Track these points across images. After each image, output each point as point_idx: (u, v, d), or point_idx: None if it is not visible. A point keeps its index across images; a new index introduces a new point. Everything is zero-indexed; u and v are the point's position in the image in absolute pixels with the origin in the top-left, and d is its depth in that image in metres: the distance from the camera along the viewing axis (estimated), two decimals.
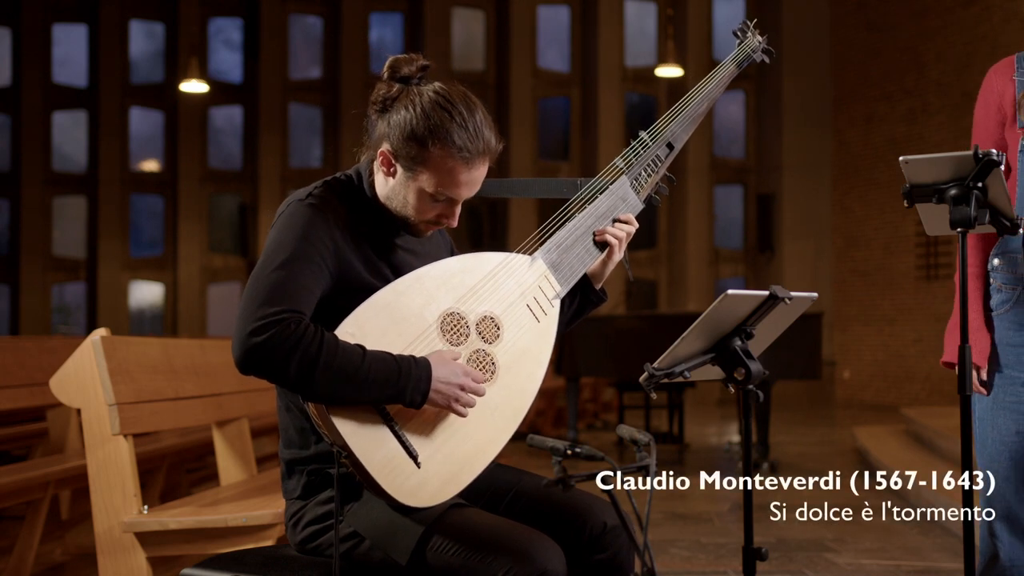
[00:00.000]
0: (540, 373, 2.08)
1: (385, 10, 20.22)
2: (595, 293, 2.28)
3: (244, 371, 1.83)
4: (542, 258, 2.13)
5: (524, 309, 2.07)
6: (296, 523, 2.07)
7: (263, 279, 1.88)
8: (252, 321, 1.81)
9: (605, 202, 2.21)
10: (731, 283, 18.90)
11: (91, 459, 2.72)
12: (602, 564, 2.04)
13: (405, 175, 2.00)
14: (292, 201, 2.01)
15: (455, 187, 2.00)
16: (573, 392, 8.75)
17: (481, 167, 2.02)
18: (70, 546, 4.45)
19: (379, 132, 2.03)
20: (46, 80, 20.10)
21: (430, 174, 1.98)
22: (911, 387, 15.23)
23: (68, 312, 20.49)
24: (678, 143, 2.30)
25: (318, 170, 19.92)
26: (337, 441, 1.85)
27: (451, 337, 1.97)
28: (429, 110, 1.97)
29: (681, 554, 4.72)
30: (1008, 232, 2.12)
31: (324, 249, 1.93)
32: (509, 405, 2.02)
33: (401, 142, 1.98)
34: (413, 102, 1.98)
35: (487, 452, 1.99)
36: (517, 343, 2.05)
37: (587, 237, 2.18)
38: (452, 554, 1.89)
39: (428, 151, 1.97)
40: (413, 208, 2.02)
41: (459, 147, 1.96)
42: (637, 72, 19.33)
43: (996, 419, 2.38)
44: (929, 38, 15.24)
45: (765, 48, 2.45)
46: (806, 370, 7.47)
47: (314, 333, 1.82)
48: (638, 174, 2.26)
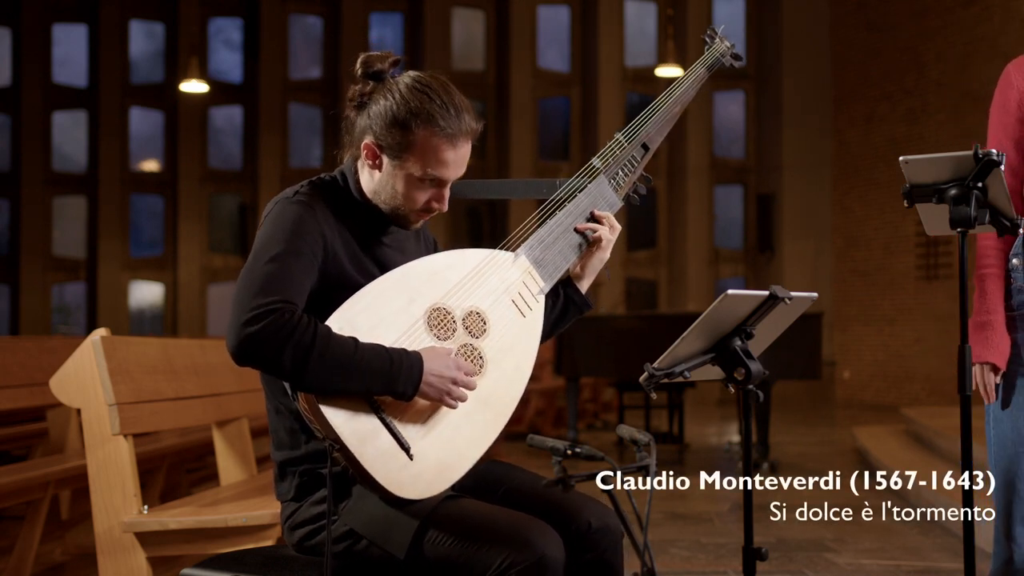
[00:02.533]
0: (528, 366, 2.09)
1: (385, 10, 20.22)
2: (579, 296, 2.29)
3: (239, 360, 1.84)
4: (525, 254, 2.15)
5: (509, 304, 2.09)
6: (292, 525, 2.07)
7: (256, 271, 1.89)
8: (246, 311, 1.82)
9: (585, 200, 2.24)
10: (731, 283, 18.90)
11: (91, 459, 2.72)
12: (590, 564, 2.04)
13: (391, 164, 2.03)
14: (279, 199, 2.04)
15: (442, 167, 2.02)
16: (573, 392, 8.75)
17: (465, 146, 2.04)
18: (70, 546, 4.45)
19: (360, 128, 2.06)
20: (46, 80, 20.10)
21: (416, 157, 2.01)
22: (911, 387, 15.23)
23: (68, 312, 20.49)
24: (653, 144, 2.36)
25: (318, 170, 19.78)
26: (329, 435, 1.85)
27: (438, 332, 1.99)
28: (408, 95, 2.00)
29: (681, 554, 4.72)
30: (1008, 232, 2.11)
31: (314, 244, 1.95)
32: (498, 398, 2.03)
33: (384, 130, 2.01)
34: (391, 91, 2.02)
35: (479, 445, 1.99)
36: (504, 337, 2.06)
37: (568, 234, 2.21)
38: (449, 545, 1.89)
39: (412, 134, 1.99)
40: (403, 196, 2.04)
41: (442, 126, 1.99)
42: (637, 72, 19.33)
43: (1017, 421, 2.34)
44: (929, 38, 15.24)
45: (733, 53, 2.51)
46: (806, 370, 7.47)
47: (307, 323, 1.83)
48: (615, 173, 2.30)
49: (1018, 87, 2.38)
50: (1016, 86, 2.39)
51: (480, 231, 19.21)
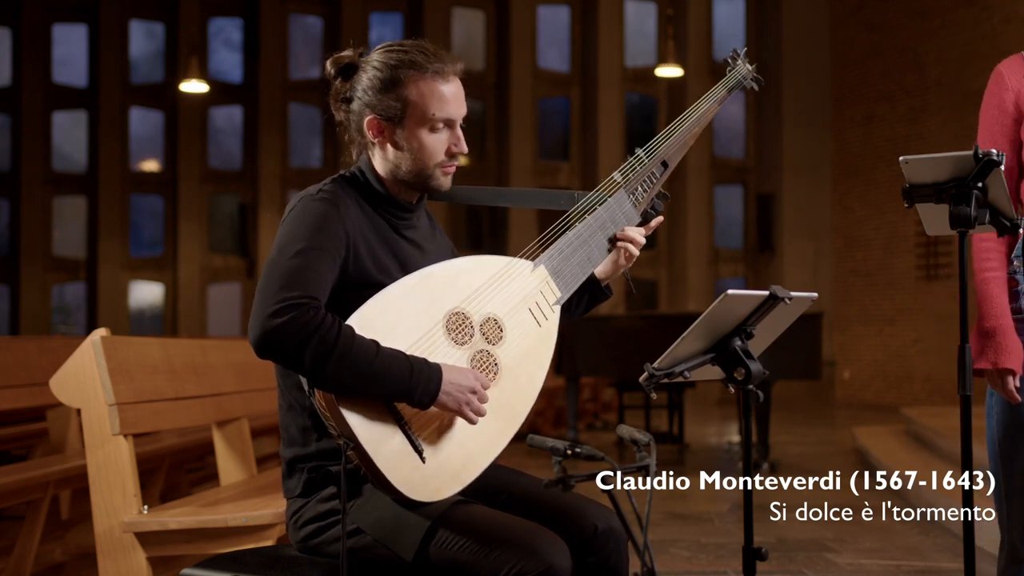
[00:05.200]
0: (541, 376, 2.10)
1: (385, 10, 20.22)
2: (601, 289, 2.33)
3: (260, 352, 1.84)
4: (544, 264, 2.16)
5: (526, 313, 2.10)
6: (297, 521, 2.07)
7: (281, 265, 1.89)
8: (272, 304, 1.83)
9: (604, 214, 2.25)
10: (731, 283, 18.90)
11: (91, 459, 2.72)
12: (594, 567, 2.04)
13: (399, 129, 2.05)
14: (303, 196, 2.04)
15: (444, 103, 2.05)
16: (573, 392, 8.75)
17: (455, 81, 2.08)
18: (70, 546, 4.45)
19: (355, 115, 2.08)
20: (46, 80, 20.09)
21: (416, 106, 2.04)
22: (911, 387, 15.23)
23: (68, 312, 20.49)
24: (672, 162, 2.38)
25: (318, 170, 19.91)
26: (344, 432, 1.86)
27: (456, 336, 1.99)
28: (385, 58, 2.06)
29: (681, 554, 4.72)
30: (1008, 232, 2.11)
31: (337, 241, 1.96)
32: (511, 406, 2.03)
33: (377, 100, 2.04)
34: (369, 65, 2.07)
35: (489, 451, 2.00)
36: (519, 346, 2.07)
37: (587, 246, 2.22)
38: (457, 549, 1.89)
39: (403, 87, 2.03)
40: (424, 153, 2.06)
41: (426, 67, 2.03)
42: (637, 72, 19.32)
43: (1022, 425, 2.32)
44: (929, 38, 15.24)
45: (755, 76, 2.54)
46: (806, 370, 7.47)
47: (332, 322, 1.83)
48: (635, 188, 2.31)
49: (1013, 87, 2.38)
50: (1011, 87, 2.38)
51: (480, 233, 19.21)
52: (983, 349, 2.32)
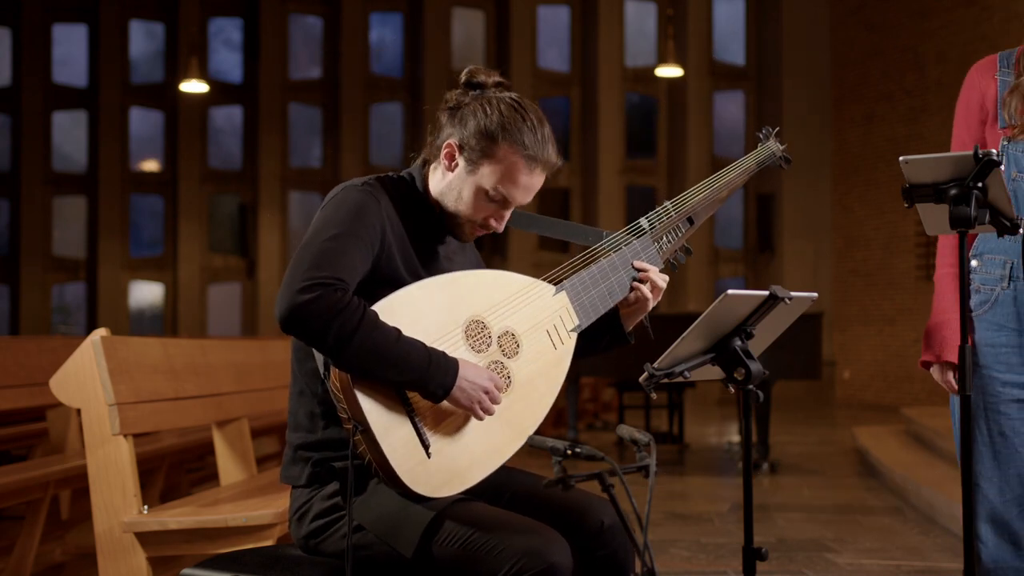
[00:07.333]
0: (550, 398, 2.12)
1: (385, 10, 20.22)
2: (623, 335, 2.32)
3: (285, 326, 1.86)
4: (566, 291, 2.18)
5: (544, 334, 2.12)
6: (302, 516, 2.07)
7: (314, 246, 1.92)
8: (301, 280, 1.85)
9: (629, 254, 2.28)
10: (731, 283, 18.90)
11: (91, 459, 2.72)
12: (600, 562, 2.06)
13: (466, 169, 2.07)
14: (346, 186, 2.07)
15: (513, 186, 2.07)
16: (573, 392, 8.75)
17: (540, 175, 2.10)
18: (70, 546, 4.45)
19: (446, 130, 2.10)
20: (46, 80, 20.10)
21: (492, 169, 2.06)
22: (911, 387, 15.23)
23: (68, 312, 20.50)
24: (697, 220, 2.43)
25: (318, 170, 19.92)
26: (356, 415, 1.87)
27: (473, 343, 2.02)
28: (505, 111, 2.06)
29: (681, 554, 4.72)
30: (1008, 232, 2.11)
31: (373, 233, 1.98)
32: (519, 421, 2.05)
33: (471, 136, 2.06)
34: (489, 102, 2.08)
35: (494, 458, 2.02)
36: (534, 363, 2.09)
37: (608, 280, 2.24)
38: (458, 546, 1.90)
39: (496, 146, 2.05)
40: (467, 204, 2.09)
41: (526, 147, 2.05)
42: (637, 72, 19.33)
43: (977, 420, 2.39)
44: (929, 38, 15.25)
45: (785, 156, 2.62)
46: (806, 370, 7.47)
47: (357, 304, 1.86)
48: (660, 237, 2.35)
49: (979, 88, 2.42)
50: (978, 87, 2.42)
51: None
52: (929, 343, 2.42)
